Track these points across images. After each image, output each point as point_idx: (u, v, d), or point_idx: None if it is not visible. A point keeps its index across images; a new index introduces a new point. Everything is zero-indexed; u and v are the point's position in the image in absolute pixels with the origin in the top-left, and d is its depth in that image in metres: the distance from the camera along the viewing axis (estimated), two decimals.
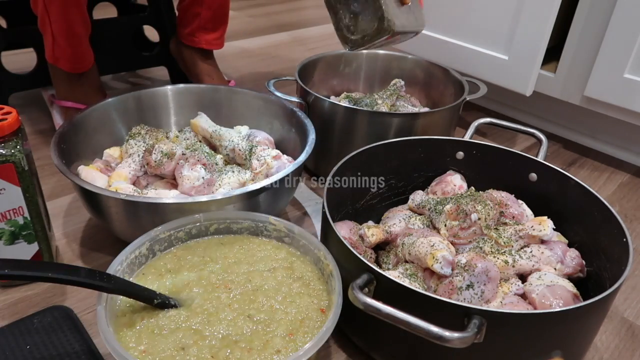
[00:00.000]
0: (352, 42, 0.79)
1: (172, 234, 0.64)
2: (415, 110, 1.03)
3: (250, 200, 0.70)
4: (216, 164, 0.79)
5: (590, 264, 0.66)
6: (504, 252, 0.65)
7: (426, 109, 1.06)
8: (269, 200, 0.73)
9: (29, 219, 0.66)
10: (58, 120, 1.06)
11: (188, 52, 1.19)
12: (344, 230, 0.68)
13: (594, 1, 0.98)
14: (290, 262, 0.63)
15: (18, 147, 0.62)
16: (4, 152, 0.61)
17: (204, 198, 0.66)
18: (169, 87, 0.95)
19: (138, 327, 0.53)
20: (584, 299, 0.57)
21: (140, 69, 1.43)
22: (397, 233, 0.70)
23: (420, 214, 0.74)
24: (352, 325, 0.62)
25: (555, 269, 0.64)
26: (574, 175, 0.70)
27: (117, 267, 0.57)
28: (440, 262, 0.58)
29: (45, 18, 0.92)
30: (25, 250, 0.68)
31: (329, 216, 0.60)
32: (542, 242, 0.67)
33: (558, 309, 0.52)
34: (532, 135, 0.82)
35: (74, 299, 0.69)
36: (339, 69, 1.11)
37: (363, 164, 0.74)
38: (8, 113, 0.63)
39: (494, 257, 0.63)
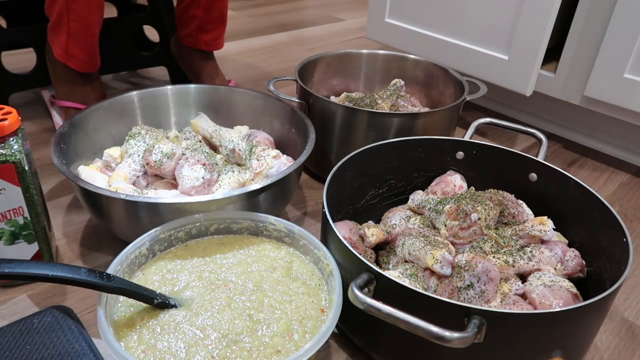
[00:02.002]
0: None
1: (172, 234, 0.64)
2: (415, 110, 1.03)
3: (250, 200, 0.70)
4: (216, 164, 0.79)
5: (590, 264, 0.66)
6: (504, 252, 0.65)
7: (426, 109, 1.06)
8: (269, 200, 0.72)
9: (29, 219, 0.66)
10: (58, 120, 1.06)
11: (188, 52, 1.19)
12: (344, 230, 0.68)
13: (594, 1, 0.98)
14: (290, 262, 0.63)
15: (18, 147, 0.62)
16: (4, 152, 0.61)
17: (204, 198, 0.66)
18: (169, 87, 0.95)
19: (138, 327, 0.53)
20: (584, 299, 0.57)
21: (140, 69, 1.43)
22: (397, 233, 0.70)
23: (420, 214, 0.74)
24: (352, 325, 0.62)
25: (555, 269, 0.64)
26: (574, 175, 0.70)
27: (117, 267, 0.57)
28: (440, 262, 0.58)
29: (64, 16, 0.93)
30: (25, 250, 0.68)
31: (329, 216, 0.60)
32: (542, 242, 0.67)
33: (558, 309, 0.52)
34: (532, 135, 0.82)
35: (74, 299, 0.69)
36: (339, 69, 1.11)
37: (363, 164, 0.74)
38: (8, 113, 0.63)
39: (494, 257, 0.63)
